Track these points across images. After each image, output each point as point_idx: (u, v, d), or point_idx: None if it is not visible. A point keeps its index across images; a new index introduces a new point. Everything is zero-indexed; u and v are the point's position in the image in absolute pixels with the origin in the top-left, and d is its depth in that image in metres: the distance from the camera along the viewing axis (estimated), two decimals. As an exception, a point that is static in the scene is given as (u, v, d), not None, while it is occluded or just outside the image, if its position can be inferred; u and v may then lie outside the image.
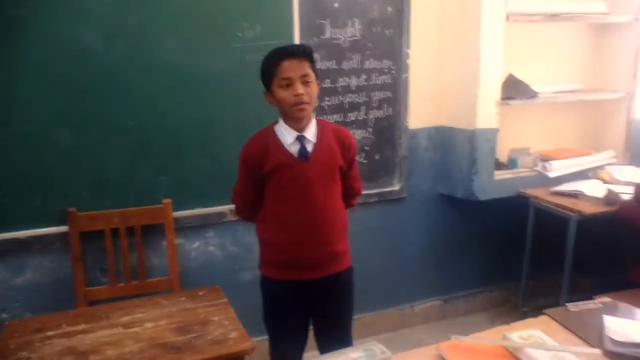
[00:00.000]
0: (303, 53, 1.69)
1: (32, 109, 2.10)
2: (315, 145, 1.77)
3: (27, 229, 2.17)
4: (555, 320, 1.62)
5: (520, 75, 2.94)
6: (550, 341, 1.42)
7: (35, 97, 2.10)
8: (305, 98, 1.68)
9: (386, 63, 2.73)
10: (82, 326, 1.60)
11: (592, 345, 1.45)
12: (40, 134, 2.13)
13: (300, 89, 1.66)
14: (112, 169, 2.27)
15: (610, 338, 1.44)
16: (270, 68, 1.70)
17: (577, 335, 1.52)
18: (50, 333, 1.56)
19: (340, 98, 2.66)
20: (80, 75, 2.15)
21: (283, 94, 1.68)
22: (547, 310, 1.68)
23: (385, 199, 2.88)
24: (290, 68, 1.66)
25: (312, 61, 1.72)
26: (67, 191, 2.20)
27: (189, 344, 1.50)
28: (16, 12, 2.01)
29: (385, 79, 2.74)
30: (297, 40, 2.48)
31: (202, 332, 1.56)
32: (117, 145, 2.26)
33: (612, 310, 1.67)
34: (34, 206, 2.16)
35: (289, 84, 1.67)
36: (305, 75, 1.68)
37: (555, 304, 2.04)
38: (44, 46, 2.08)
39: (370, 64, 2.69)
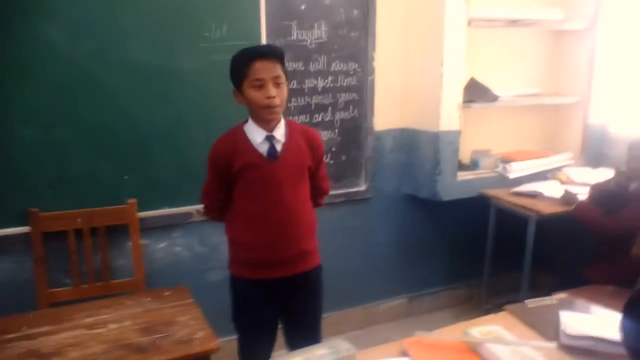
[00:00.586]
0: (275, 54, 1.71)
1: (-8, 107, 2.05)
2: (284, 145, 1.79)
3: (-13, 229, 2.12)
4: (515, 316, 1.68)
5: (482, 79, 3.02)
6: (509, 336, 1.48)
7: (-2, 94, 2.05)
8: (277, 100, 1.70)
9: (352, 65, 2.77)
10: (45, 328, 1.57)
11: (548, 340, 1.51)
12: (1, 131, 2.08)
13: (272, 90, 1.68)
14: (75, 168, 2.24)
15: (565, 332, 1.51)
16: (241, 68, 1.70)
17: (535, 330, 1.59)
18: (10, 336, 1.53)
19: (307, 99, 2.69)
20: (44, 71, 2.12)
21: (254, 94, 1.69)
22: (507, 307, 1.74)
23: (351, 199, 2.92)
24: (262, 69, 1.67)
25: (283, 62, 1.73)
26: (29, 190, 2.16)
27: (154, 345, 1.49)
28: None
29: (351, 80, 2.78)
30: (264, 40, 2.49)
31: (167, 332, 1.56)
32: (81, 144, 2.23)
33: (568, 306, 1.74)
34: (-6, 206, 2.11)
35: (260, 85, 1.68)
36: (277, 77, 1.69)
37: (516, 300, 2.11)
38: (7, 42, 2.04)
39: (336, 65, 2.72)
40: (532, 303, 1.77)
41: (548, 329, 1.58)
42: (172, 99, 2.35)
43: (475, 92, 2.99)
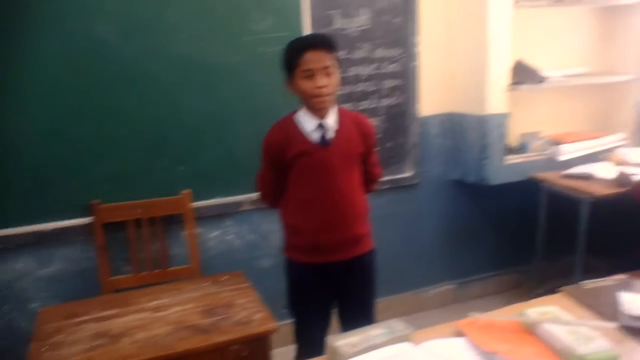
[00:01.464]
0: (325, 44, 1.73)
1: (53, 104, 2.16)
2: (335, 132, 1.82)
3: (53, 221, 2.24)
4: (571, 297, 1.66)
5: (528, 61, 2.96)
6: (566, 316, 1.46)
7: (56, 92, 2.15)
8: (326, 90, 1.73)
9: (396, 51, 2.76)
10: (112, 311, 1.67)
11: (607, 321, 1.49)
12: (63, 127, 2.19)
13: (322, 80, 1.71)
14: (132, 161, 2.32)
15: (626, 313, 1.48)
16: (292, 59, 1.74)
17: (593, 311, 1.56)
18: (82, 318, 1.62)
19: (351, 87, 2.70)
20: (98, 68, 2.20)
21: (305, 85, 1.73)
22: (563, 288, 1.72)
23: (397, 186, 2.93)
24: (313, 59, 1.70)
25: (334, 51, 1.75)
26: (90, 184, 2.27)
27: (215, 326, 1.55)
28: (35, 10, 2.06)
29: (395, 67, 2.78)
30: (307, 31, 2.51)
31: (227, 314, 1.62)
32: (136, 137, 2.31)
33: (627, 287, 1.70)
34: (59, 199, 2.23)
35: (311, 75, 1.71)
36: (327, 67, 1.72)
37: (569, 285, 2.08)
38: (62, 42, 2.13)
39: (380, 52, 2.73)
40: (588, 284, 1.74)
41: (606, 310, 1.55)
42: (220, 92, 2.41)
43: (522, 74, 2.93)
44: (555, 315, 1.47)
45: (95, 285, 2.28)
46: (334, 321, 2.03)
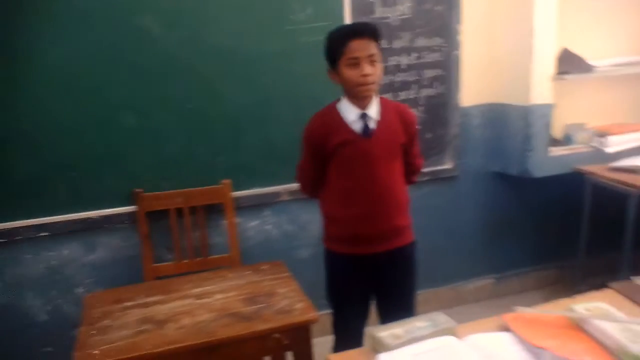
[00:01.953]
0: (370, 32, 1.71)
1: (100, 95, 2.20)
2: (377, 122, 1.80)
3: (98, 208, 2.29)
4: (621, 294, 1.60)
5: (575, 49, 2.87)
6: (617, 313, 1.42)
7: (104, 83, 2.20)
8: (371, 78, 1.71)
9: (437, 40, 2.71)
10: (157, 297, 1.70)
11: (660, 319, 1.44)
12: (108, 118, 2.24)
13: (367, 69, 1.69)
14: (173, 151, 2.36)
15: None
16: (337, 47, 1.72)
17: (643, 308, 1.51)
18: (128, 304, 1.66)
19: (391, 77, 2.67)
20: (142, 60, 2.24)
21: (350, 73, 1.71)
22: (612, 284, 1.67)
23: (437, 178, 2.89)
24: (358, 48, 1.68)
25: (378, 40, 1.73)
26: (134, 172, 2.31)
27: (257, 314, 1.57)
28: (84, 6, 2.11)
29: (436, 56, 2.73)
30: (348, 20, 2.49)
31: (269, 302, 1.63)
32: (178, 128, 2.34)
33: (682, 284, 1.64)
34: (105, 187, 2.28)
35: (356, 63, 1.70)
36: (372, 55, 1.70)
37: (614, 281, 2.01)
38: (107, 34, 2.17)
39: (420, 41, 2.68)
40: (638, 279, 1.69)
41: (658, 307, 1.50)
42: (260, 82, 2.42)
43: (569, 63, 2.84)
44: (605, 311, 1.42)
45: (138, 272, 2.33)
46: (373, 313, 2.02)
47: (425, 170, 2.81)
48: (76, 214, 2.26)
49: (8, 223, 2.18)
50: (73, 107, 2.18)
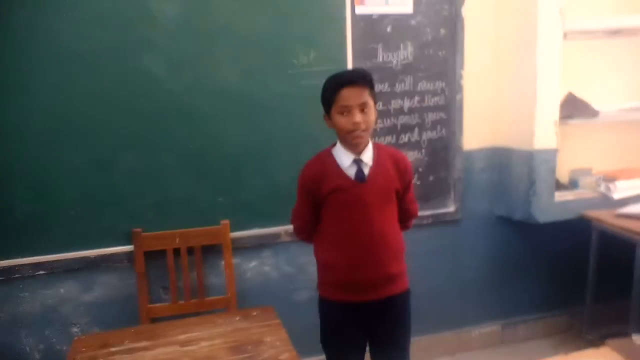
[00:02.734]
0: (363, 80, 1.72)
1: (102, 134, 2.24)
2: (371, 168, 1.80)
3: (97, 247, 2.30)
4: (618, 352, 1.55)
5: (581, 94, 2.86)
6: (609, 374, 1.37)
7: (105, 123, 2.23)
8: (362, 126, 1.72)
9: (439, 84, 2.73)
10: (143, 343, 1.68)
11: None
12: (109, 157, 2.27)
13: (357, 117, 1.70)
14: (174, 191, 2.37)
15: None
16: (330, 95, 1.74)
17: (642, 369, 1.46)
18: (114, 349, 1.65)
19: (393, 120, 2.68)
20: (145, 102, 2.27)
21: (341, 120, 1.73)
22: (609, 342, 1.61)
23: (440, 221, 2.86)
24: (349, 96, 1.70)
25: (371, 88, 1.75)
26: (134, 212, 2.33)
27: (242, 364, 1.55)
28: (87, 47, 2.17)
29: (438, 100, 2.74)
30: (350, 64, 2.52)
31: (254, 352, 1.61)
32: (178, 168, 2.36)
33: (682, 343, 1.58)
34: (103, 227, 2.30)
35: (346, 111, 1.71)
36: (363, 103, 1.71)
37: (623, 332, 1.95)
38: (113, 76, 2.22)
39: (423, 85, 2.70)
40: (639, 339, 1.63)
41: (657, 368, 1.44)
42: (262, 124, 2.44)
43: (574, 108, 2.82)
44: (597, 373, 1.38)
45: (134, 312, 2.33)
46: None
47: (427, 213, 2.81)
48: (74, 253, 2.27)
49: (6, 261, 2.19)
50: (73, 146, 2.21)
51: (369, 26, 2.55)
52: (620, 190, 2.85)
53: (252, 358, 1.56)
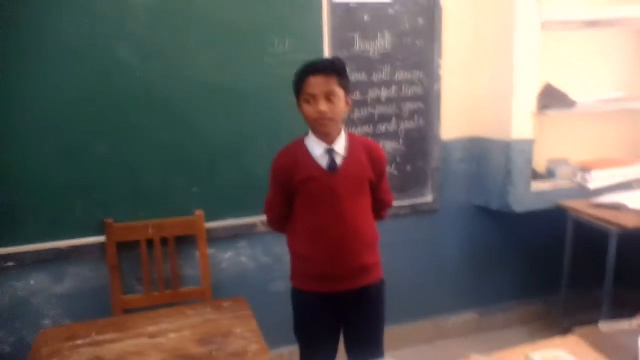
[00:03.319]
0: (330, 69, 1.71)
1: (72, 124, 2.20)
2: (344, 158, 1.79)
3: (68, 238, 2.27)
4: (585, 341, 1.56)
5: (558, 85, 2.86)
6: (573, 364, 1.37)
7: (75, 112, 2.19)
8: (327, 114, 1.70)
9: (417, 74, 2.71)
10: (110, 335, 1.66)
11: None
12: (80, 147, 2.22)
13: (322, 105, 1.69)
14: (147, 181, 2.34)
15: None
16: (297, 83, 1.74)
17: (608, 359, 1.46)
18: (79, 342, 1.62)
19: (370, 110, 2.66)
20: (118, 91, 2.24)
21: (307, 109, 1.72)
22: (577, 330, 1.62)
23: (417, 211, 2.86)
24: (314, 84, 1.69)
25: (340, 76, 1.73)
26: (106, 202, 2.29)
27: (209, 356, 1.53)
28: (56, 35, 2.11)
29: (416, 89, 2.72)
30: (327, 53, 2.50)
31: (223, 343, 1.59)
32: (152, 158, 2.33)
33: (649, 332, 1.59)
34: (74, 217, 2.26)
35: (312, 99, 1.70)
36: (329, 92, 1.69)
37: (596, 319, 1.96)
38: (84, 64, 2.17)
39: (400, 75, 2.68)
40: (606, 327, 1.64)
41: (624, 358, 1.45)
42: (238, 113, 2.42)
43: (551, 98, 2.83)
44: (562, 362, 1.38)
45: (107, 304, 2.30)
46: (342, 349, 1.98)
47: (405, 203, 2.81)
48: (44, 244, 2.23)
49: (-27, 253, 2.16)
50: (43, 136, 2.17)
51: (347, 14, 2.52)
52: (596, 180, 2.87)
53: (220, 350, 1.55)
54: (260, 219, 2.51)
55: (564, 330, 2.67)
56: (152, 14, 2.23)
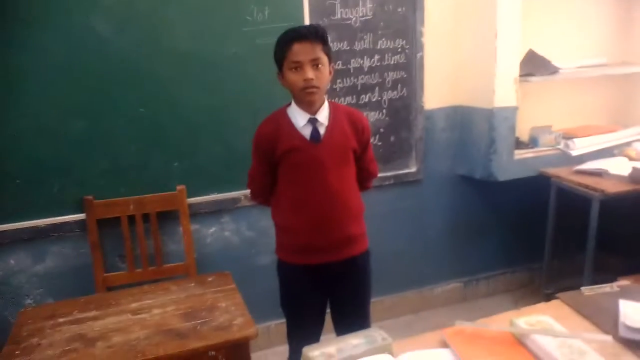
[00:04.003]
0: (315, 35, 1.66)
1: (46, 100, 2.13)
2: (327, 127, 1.76)
3: (47, 217, 2.22)
4: (568, 305, 1.57)
5: (541, 51, 2.84)
6: (559, 327, 1.38)
7: (49, 88, 2.13)
8: (315, 82, 1.66)
9: (400, 42, 2.67)
10: (93, 313, 1.64)
11: (606, 332, 1.40)
12: (55, 123, 2.16)
13: (309, 73, 1.65)
14: (127, 157, 2.29)
15: (625, 324, 1.39)
16: (281, 51, 1.68)
17: (591, 321, 1.47)
18: (61, 320, 1.60)
19: (353, 80, 2.62)
20: (92, 64, 2.17)
21: (293, 77, 1.67)
22: (560, 295, 1.63)
23: (401, 181, 2.85)
24: (301, 51, 1.64)
25: (324, 43, 1.69)
26: (84, 179, 2.24)
27: (194, 330, 1.52)
28: (27, 7, 2.03)
29: (399, 58, 2.68)
30: (307, 21, 2.44)
31: (208, 318, 1.58)
32: (131, 133, 2.28)
33: (630, 295, 1.60)
34: (53, 195, 2.21)
35: (298, 67, 1.66)
36: (315, 59, 1.65)
37: (579, 285, 1.98)
38: (56, 37, 2.10)
39: (383, 43, 2.64)
40: (588, 291, 1.65)
41: (606, 320, 1.46)
42: (217, 85, 2.36)
43: (534, 65, 2.81)
44: (547, 325, 1.39)
45: (90, 282, 2.27)
46: (328, 321, 1.98)
47: (389, 174, 2.79)
48: (22, 223, 2.18)
49: (-50, 233, 2.10)
50: (18, 113, 2.10)
51: (326, -19, 2.46)
52: (579, 147, 2.88)
53: (206, 324, 1.54)
54: (244, 193, 2.48)
55: (548, 297, 2.71)
56: (125, -19, 2.15)
